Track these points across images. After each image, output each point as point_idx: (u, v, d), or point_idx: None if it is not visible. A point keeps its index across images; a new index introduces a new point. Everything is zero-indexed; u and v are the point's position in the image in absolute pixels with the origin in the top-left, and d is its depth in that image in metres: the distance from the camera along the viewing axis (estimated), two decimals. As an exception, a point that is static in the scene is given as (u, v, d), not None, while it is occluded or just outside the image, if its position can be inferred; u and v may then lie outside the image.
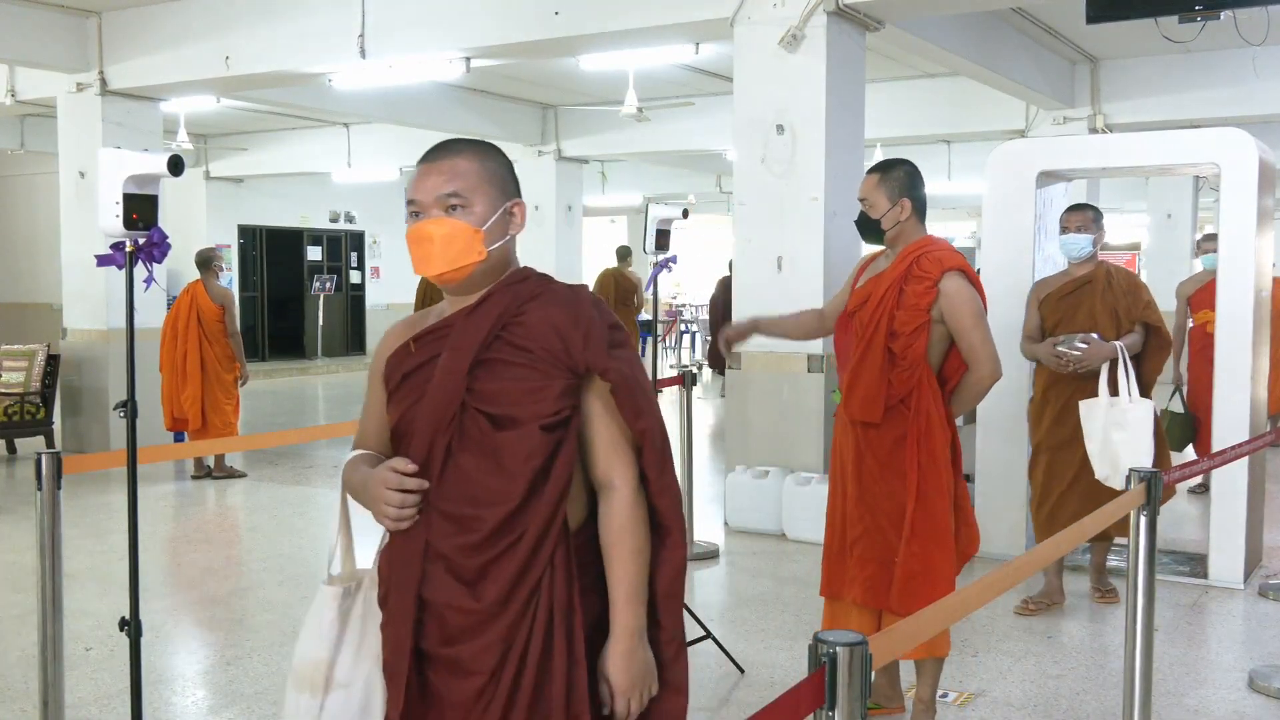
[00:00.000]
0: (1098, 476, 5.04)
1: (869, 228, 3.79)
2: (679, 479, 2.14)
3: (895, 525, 3.69)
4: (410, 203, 2.04)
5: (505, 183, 2.08)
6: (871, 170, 3.80)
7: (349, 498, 2.16)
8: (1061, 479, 5.25)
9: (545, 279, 2.09)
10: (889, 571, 3.68)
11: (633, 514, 2.00)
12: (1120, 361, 5.02)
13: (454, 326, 2.04)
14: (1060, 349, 5.09)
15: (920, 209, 3.76)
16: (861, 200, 3.79)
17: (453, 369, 2.00)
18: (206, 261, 8.77)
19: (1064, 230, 5.22)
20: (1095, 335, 5.05)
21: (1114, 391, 5.03)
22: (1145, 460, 4.84)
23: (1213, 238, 7.38)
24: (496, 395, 1.98)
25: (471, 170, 2.03)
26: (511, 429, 1.96)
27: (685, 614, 4.59)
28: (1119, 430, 4.97)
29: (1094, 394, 5.07)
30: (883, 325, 3.65)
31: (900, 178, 3.74)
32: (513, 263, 2.11)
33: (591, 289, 2.14)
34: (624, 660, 1.97)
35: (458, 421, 1.99)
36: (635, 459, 2.02)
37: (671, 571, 2.04)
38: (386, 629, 2.07)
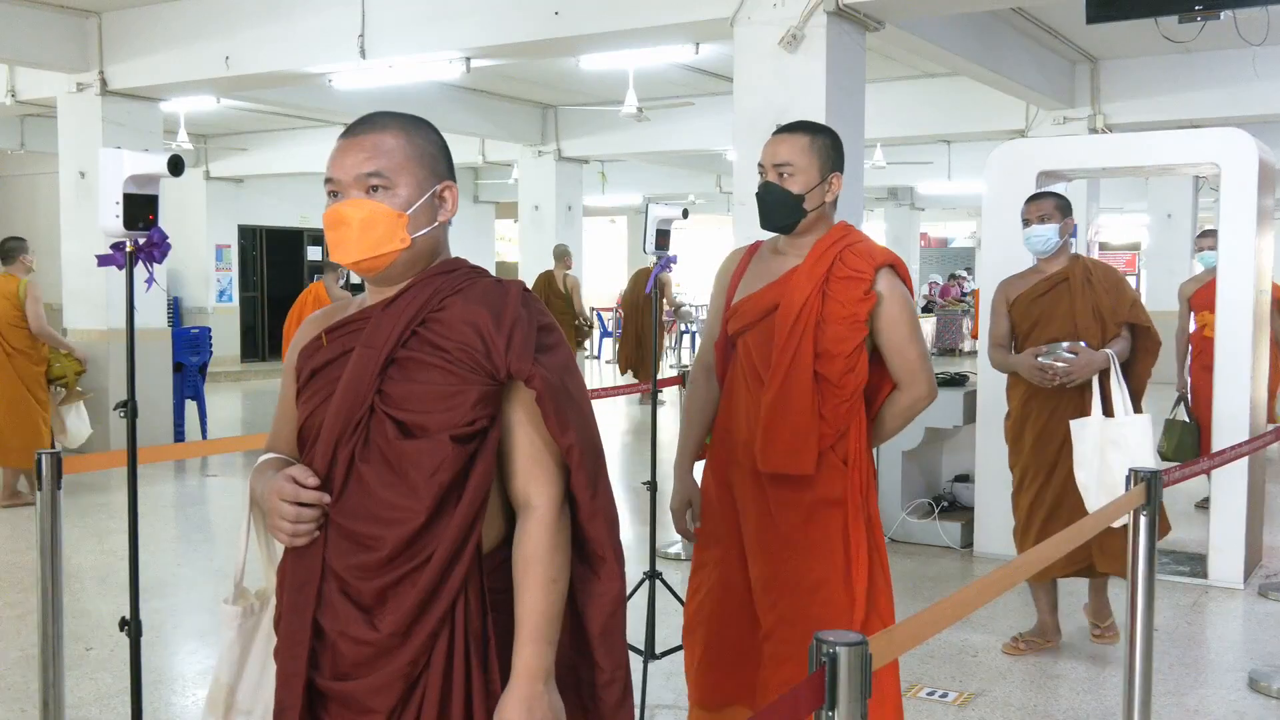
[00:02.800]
0: (1091, 510, 4.40)
1: (781, 207, 2.88)
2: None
3: (824, 608, 2.85)
4: (328, 181, 1.84)
5: (435, 163, 1.86)
6: (796, 128, 2.95)
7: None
8: (1043, 506, 4.64)
9: (476, 271, 1.88)
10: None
11: (549, 539, 1.76)
12: (1112, 372, 4.45)
13: (370, 319, 1.84)
14: (1043, 360, 4.48)
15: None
16: (780, 166, 2.88)
17: (363, 367, 1.80)
18: (334, 265, 9.18)
19: (1025, 222, 4.57)
20: (1083, 343, 4.48)
21: (1106, 407, 4.45)
22: None
23: (1210, 234, 7.04)
24: (406, 399, 1.76)
25: (397, 148, 1.82)
26: (419, 438, 1.75)
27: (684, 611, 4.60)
28: (1115, 450, 4.37)
29: (1083, 410, 4.47)
30: (807, 344, 2.81)
31: (835, 147, 2.93)
32: (442, 252, 1.89)
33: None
34: (521, 707, 1.72)
35: (364, 427, 1.78)
36: (560, 476, 1.80)
37: (607, 606, 1.82)
38: (278, 656, 1.85)
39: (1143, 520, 3.14)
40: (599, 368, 18.41)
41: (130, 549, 3.47)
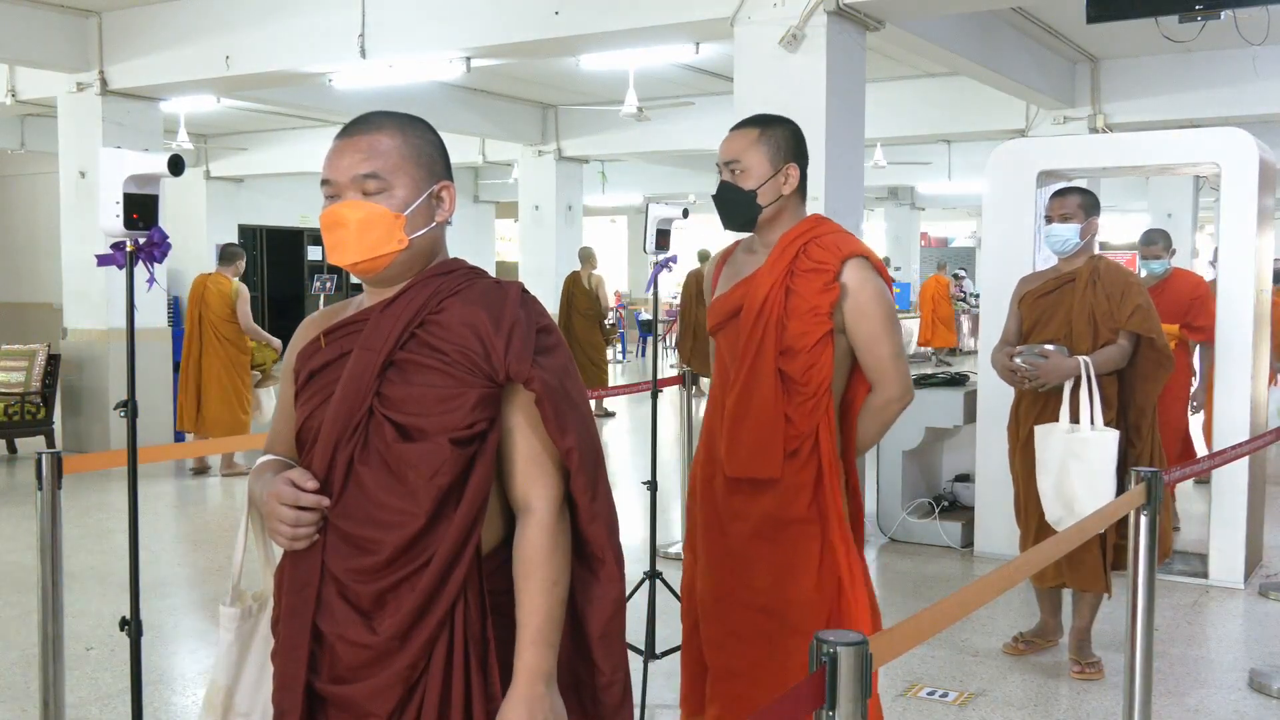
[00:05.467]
0: (1049, 519, 4.30)
1: (737, 204, 2.80)
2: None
3: (772, 624, 2.76)
4: (324, 183, 1.82)
5: (433, 163, 1.85)
6: (746, 123, 2.85)
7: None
8: (1036, 510, 4.45)
9: (474, 272, 1.86)
10: (764, 687, 2.77)
11: (549, 541, 1.76)
12: (1084, 380, 4.21)
13: (368, 321, 1.83)
14: (1017, 360, 4.30)
15: (805, 183, 2.86)
16: (729, 164, 2.81)
17: (362, 369, 1.79)
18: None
19: (1047, 220, 4.40)
20: (1063, 347, 4.29)
21: (1075, 416, 4.23)
22: (1104, 501, 4.02)
23: (1155, 240, 6.54)
24: (404, 401, 1.75)
25: (393, 148, 1.80)
26: (418, 441, 1.74)
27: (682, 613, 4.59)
28: (1076, 463, 4.17)
29: (1054, 418, 4.30)
30: (769, 341, 2.73)
31: (788, 137, 2.82)
32: (440, 252, 1.89)
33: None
34: (523, 709, 1.72)
35: (363, 430, 1.77)
36: (560, 479, 1.79)
37: (607, 609, 1.82)
38: (277, 659, 1.84)
39: (1143, 520, 3.14)
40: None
41: (130, 549, 3.47)
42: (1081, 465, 4.17)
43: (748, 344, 2.76)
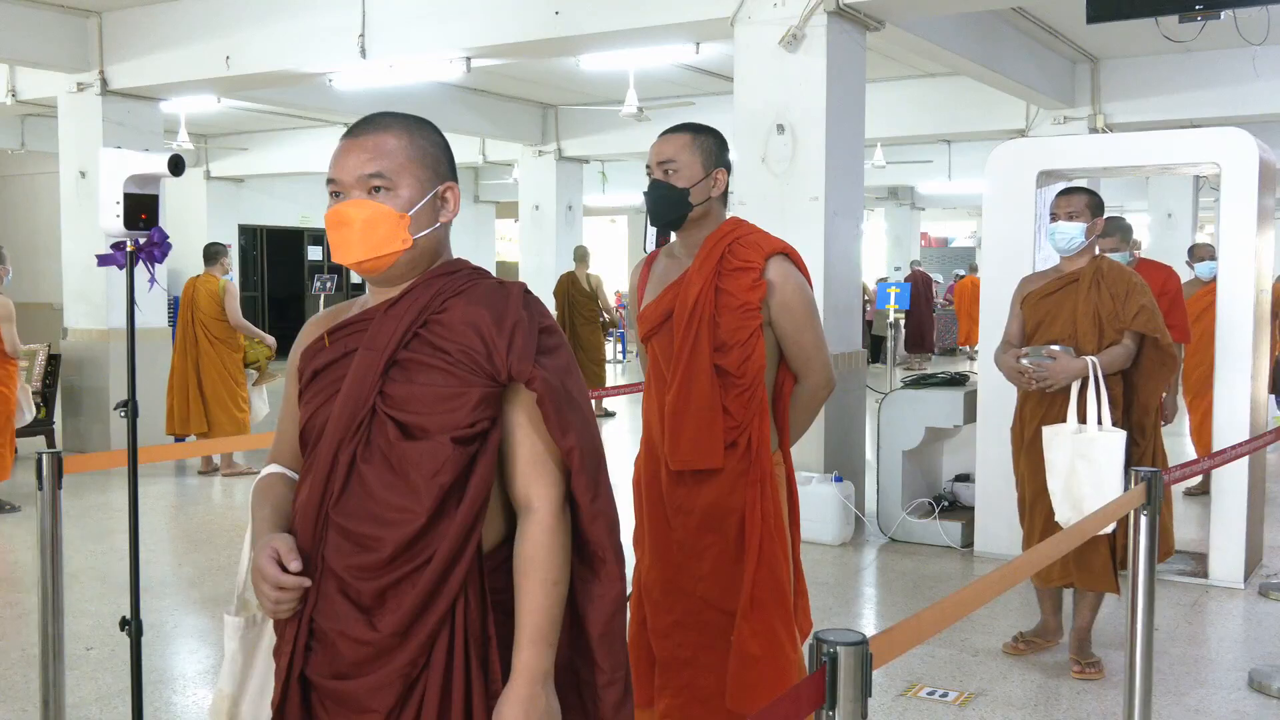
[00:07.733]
0: (1058, 519, 4.30)
1: (670, 202, 2.94)
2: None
3: (724, 609, 2.90)
4: (330, 182, 1.84)
5: (437, 164, 1.87)
6: (678, 128, 3.00)
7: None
8: (1042, 511, 4.46)
9: (477, 273, 1.88)
10: (712, 674, 2.91)
11: (549, 540, 1.77)
12: (1091, 380, 4.23)
13: (372, 320, 1.84)
14: (1025, 361, 4.32)
15: (728, 189, 3.02)
16: (664, 164, 2.94)
17: (365, 369, 1.80)
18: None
19: (1053, 218, 4.40)
20: (1070, 348, 4.30)
21: (1083, 417, 4.24)
22: (1110, 500, 3.89)
23: (1110, 231, 6.23)
24: (407, 400, 1.77)
25: (399, 148, 1.82)
26: (420, 440, 1.75)
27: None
28: (1083, 463, 4.19)
29: (1060, 418, 4.31)
30: (704, 337, 2.88)
31: (717, 145, 2.99)
32: (444, 252, 1.90)
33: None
34: (519, 708, 1.73)
35: (366, 428, 1.79)
36: (561, 479, 1.80)
37: (607, 608, 1.82)
38: (279, 656, 1.86)
39: (1143, 520, 3.14)
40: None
41: (130, 549, 3.48)
42: (1088, 465, 4.18)
43: (683, 342, 2.90)
